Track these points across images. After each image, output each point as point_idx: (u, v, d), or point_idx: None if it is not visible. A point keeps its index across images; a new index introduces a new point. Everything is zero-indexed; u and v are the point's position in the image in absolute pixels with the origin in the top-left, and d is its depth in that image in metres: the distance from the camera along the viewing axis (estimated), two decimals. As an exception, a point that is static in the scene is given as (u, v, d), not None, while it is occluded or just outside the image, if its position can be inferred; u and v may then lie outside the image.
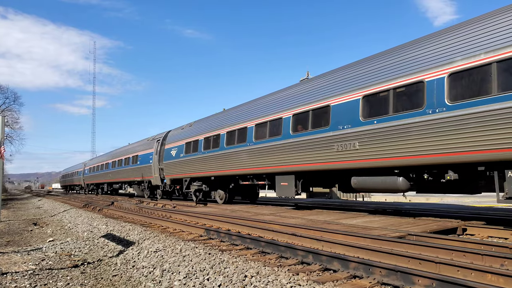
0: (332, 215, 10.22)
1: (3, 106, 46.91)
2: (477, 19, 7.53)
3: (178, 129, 20.53)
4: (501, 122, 6.43)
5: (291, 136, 11.06)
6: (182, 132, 19.25)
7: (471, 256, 4.89)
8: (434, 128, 7.42)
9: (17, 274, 5.61)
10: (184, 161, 17.90)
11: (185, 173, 17.84)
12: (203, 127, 17.06)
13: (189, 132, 18.18)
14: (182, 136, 18.87)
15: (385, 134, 8.31)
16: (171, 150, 19.56)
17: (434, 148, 7.44)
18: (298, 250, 5.48)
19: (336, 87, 9.97)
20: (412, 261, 4.63)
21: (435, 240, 6.06)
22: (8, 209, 22.37)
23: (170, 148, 19.79)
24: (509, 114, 6.34)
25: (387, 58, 8.99)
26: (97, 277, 5.58)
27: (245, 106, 14.69)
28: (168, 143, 20.23)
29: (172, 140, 19.90)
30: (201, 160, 16.27)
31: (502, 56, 6.58)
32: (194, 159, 16.91)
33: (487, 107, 6.63)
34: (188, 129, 18.75)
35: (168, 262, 5.75)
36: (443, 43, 7.73)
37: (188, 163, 17.50)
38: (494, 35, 6.88)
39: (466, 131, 6.90)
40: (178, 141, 19.02)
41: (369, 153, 8.62)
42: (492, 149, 6.58)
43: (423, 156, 7.62)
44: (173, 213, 12.17)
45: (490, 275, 3.91)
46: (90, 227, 10.64)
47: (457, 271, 4.17)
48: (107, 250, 7.42)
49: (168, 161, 19.63)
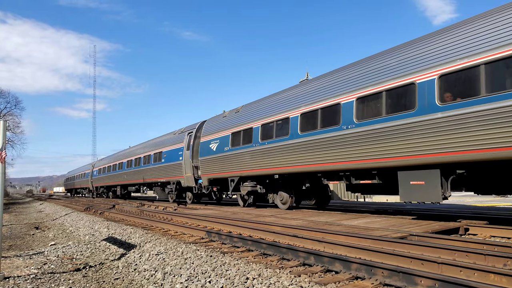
0: (333, 216, 10.20)
1: (4, 110, 47.09)
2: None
3: (218, 117, 16.98)
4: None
5: (440, 108, 7.61)
6: (225, 121, 15.81)
7: (473, 256, 4.88)
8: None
9: (19, 278, 5.61)
10: (230, 156, 14.58)
11: (232, 170, 14.49)
12: (258, 111, 13.58)
13: (237, 119, 14.74)
14: (225, 125, 15.46)
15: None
16: (210, 144, 16.21)
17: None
18: (299, 251, 5.47)
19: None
20: (414, 261, 4.61)
21: (437, 240, 6.04)
22: (10, 213, 22.39)
23: (208, 141, 16.46)
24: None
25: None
26: (99, 281, 5.57)
27: (337, 73, 10.81)
28: (205, 135, 16.89)
29: (211, 131, 16.51)
30: (258, 153, 12.95)
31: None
32: (245, 153, 13.61)
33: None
34: (233, 116, 15.23)
35: (169, 265, 5.74)
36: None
37: (236, 158, 14.19)
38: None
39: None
40: (221, 132, 15.64)
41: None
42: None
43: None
44: (174, 216, 12.16)
45: (493, 275, 3.90)
46: (91, 231, 10.64)
47: (460, 271, 4.15)
48: (108, 254, 7.42)
49: (206, 156, 16.35)
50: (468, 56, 7.16)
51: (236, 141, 14.38)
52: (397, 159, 8.37)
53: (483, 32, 7.11)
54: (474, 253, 4.89)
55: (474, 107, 6.92)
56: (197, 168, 17.41)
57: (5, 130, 6.03)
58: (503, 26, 6.82)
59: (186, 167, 18.10)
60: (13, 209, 27.18)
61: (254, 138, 13.29)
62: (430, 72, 7.76)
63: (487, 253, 4.78)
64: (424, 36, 8.65)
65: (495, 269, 3.96)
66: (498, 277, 3.86)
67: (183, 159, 18.34)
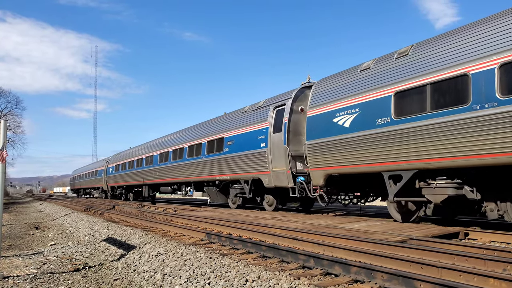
0: (333, 219, 10.19)
1: (5, 110, 47.22)
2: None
3: (346, 73, 10.34)
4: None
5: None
6: (373, 74, 9.18)
7: (473, 260, 4.87)
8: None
9: (18, 278, 5.61)
10: (396, 134, 8.24)
11: (402, 159, 8.16)
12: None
13: (408, 67, 8.33)
14: (377, 81, 8.94)
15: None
16: (332, 117, 9.92)
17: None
18: (299, 254, 5.47)
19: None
20: (414, 265, 4.61)
21: (437, 245, 6.03)
22: (9, 213, 22.40)
23: (325, 114, 10.20)
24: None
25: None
26: (98, 281, 5.58)
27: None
28: (319, 104, 10.58)
29: (336, 96, 10.06)
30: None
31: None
32: (449, 125, 7.32)
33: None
34: (393, 63, 8.76)
35: (169, 266, 5.74)
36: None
37: (418, 137, 7.83)
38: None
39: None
40: (365, 93, 9.13)
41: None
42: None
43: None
44: (174, 217, 12.16)
45: (493, 279, 3.89)
46: (91, 231, 10.64)
47: (459, 275, 4.15)
48: (108, 254, 7.42)
49: (323, 139, 10.11)
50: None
51: (412, 107, 8.04)
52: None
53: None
54: (474, 258, 4.88)
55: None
56: (299, 158, 11.57)
57: (6, 129, 6.04)
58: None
59: (275, 158, 12.12)
60: (13, 209, 27.19)
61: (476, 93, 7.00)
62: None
63: (487, 258, 4.78)
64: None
65: (494, 274, 3.96)
66: (497, 281, 3.85)
67: (268, 146, 12.37)
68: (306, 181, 11.10)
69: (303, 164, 11.37)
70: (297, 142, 11.76)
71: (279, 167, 12.02)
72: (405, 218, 8.92)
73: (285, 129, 11.81)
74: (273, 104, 12.88)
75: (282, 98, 12.70)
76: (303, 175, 11.33)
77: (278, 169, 12.03)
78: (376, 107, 8.82)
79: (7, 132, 6.22)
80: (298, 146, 11.71)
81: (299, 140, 11.73)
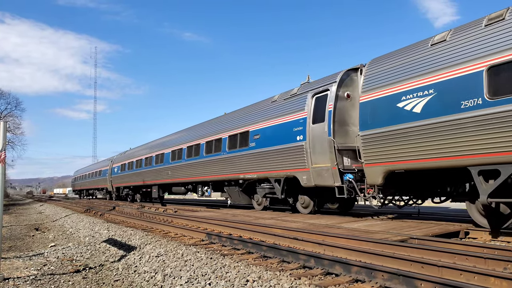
0: (333, 219, 10.19)
1: (5, 111, 47.22)
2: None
3: (399, 54, 8.74)
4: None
5: None
6: (442, 52, 7.65)
7: (473, 259, 4.87)
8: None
9: (19, 280, 5.61)
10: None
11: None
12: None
13: (503, 37, 6.66)
14: (448, 60, 7.44)
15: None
16: (396, 102, 8.22)
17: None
18: (300, 254, 5.47)
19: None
20: (415, 264, 4.61)
21: (437, 244, 6.03)
22: (10, 214, 22.40)
23: (386, 97, 8.47)
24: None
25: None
26: (99, 282, 5.57)
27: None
28: (376, 86, 8.75)
29: (398, 78, 8.34)
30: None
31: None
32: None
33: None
34: (486, 30, 7.01)
35: (169, 267, 5.74)
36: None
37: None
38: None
39: None
40: (437, 73, 7.55)
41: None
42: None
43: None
44: (175, 218, 12.16)
45: (493, 278, 3.90)
46: (91, 232, 10.64)
47: (460, 274, 4.15)
48: (108, 255, 7.42)
49: (385, 128, 8.38)
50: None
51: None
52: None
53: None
54: (474, 257, 4.89)
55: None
56: (345, 152, 10.04)
57: (6, 131, 6.04)
58: None
59: (316, 152, 10.41)
60: (13, 210, 27.18)
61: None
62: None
63: (487, 257, 4.78)
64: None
65: (495, 273, 3.96)
66: (498, 280, 3.85)
67: (307, 139, 10.68)
68: (354, 179, 9.77)
69: (350, 160, 10.01)
70: (343, 133, 10.18)
71: (321, 163, 10.31)
72: (495, 223, 7.26)
73: (330, 118, 10.12)
74: (311, 91, 11.18)
75: (323, 83, 10.95)
76: (350, 172, 9.86)
77: (320, 166, 10.31)
78: (459, 86, 7.17)
79: (7, 133, 6.22)
80: (344, 138, 10.14)
81: (346, 131, 10.23)
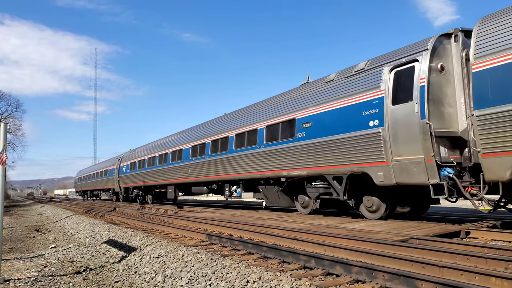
0: (333, 219, 10.18)
1: (5, 113, 47.27)
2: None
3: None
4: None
5: None
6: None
7: (474, 259, 4.86)
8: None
9: (19, 281, 5.60)
10: None
11: None
12: None
13: None
14: None
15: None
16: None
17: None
18: (300, 254, 5.46)
19: None
20: (415, 265, 4.60)
21: (438, 244, 6.02)
22: (10, 215, 22.41)
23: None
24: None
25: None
26: (99, 284, 5.57)
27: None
28: (501, 48, 6.64)
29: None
30: None
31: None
32: None
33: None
34: None
35: (170, 267, 5.74)
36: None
37: None
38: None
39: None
40: None
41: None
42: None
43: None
44: (175, 219, 12.15)
45: (495, 278, 3.89)
46: (92, 233, 10.63)
47: (461, 274, 4.14)
48: (109, 256, 7.41)
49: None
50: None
51: None
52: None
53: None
54: (475, 257, 4.88)
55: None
56: (441, 141, 7.85)
57: (6, 132, 6.05)
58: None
59: (399, 141, 8.23)
60: (14, 211, 27.19)
61: None
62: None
63: (488, 257, 4.77)
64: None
65: (496, 273, 3.96)
66: (499, 280, 3.84)
67: (386, 124, 8.45)
68: (456, 174, 7.69)
69: (448, 150, 7.95)
70: (439, 116, 7.96)
71: (407, 154, 8.10)
72: None
73: (423, 96, 7.85)
74: (388, 64, 8.84)
75: (407, 52, 8.57)
76: (449, 166, 7.73)
77: (407, 158, 8.09)
78: None
79: (7, 135, 6.22)
80: (441, 122, 7.94)
81: (441, 113, 8.01)
